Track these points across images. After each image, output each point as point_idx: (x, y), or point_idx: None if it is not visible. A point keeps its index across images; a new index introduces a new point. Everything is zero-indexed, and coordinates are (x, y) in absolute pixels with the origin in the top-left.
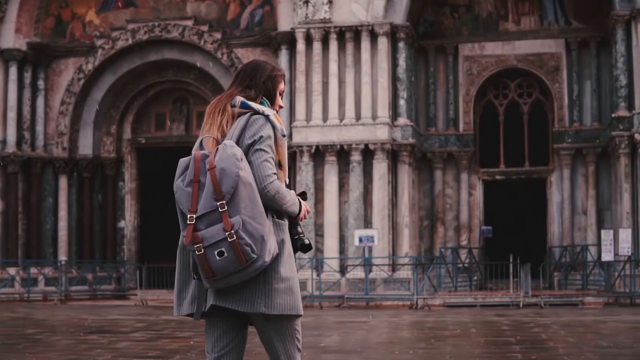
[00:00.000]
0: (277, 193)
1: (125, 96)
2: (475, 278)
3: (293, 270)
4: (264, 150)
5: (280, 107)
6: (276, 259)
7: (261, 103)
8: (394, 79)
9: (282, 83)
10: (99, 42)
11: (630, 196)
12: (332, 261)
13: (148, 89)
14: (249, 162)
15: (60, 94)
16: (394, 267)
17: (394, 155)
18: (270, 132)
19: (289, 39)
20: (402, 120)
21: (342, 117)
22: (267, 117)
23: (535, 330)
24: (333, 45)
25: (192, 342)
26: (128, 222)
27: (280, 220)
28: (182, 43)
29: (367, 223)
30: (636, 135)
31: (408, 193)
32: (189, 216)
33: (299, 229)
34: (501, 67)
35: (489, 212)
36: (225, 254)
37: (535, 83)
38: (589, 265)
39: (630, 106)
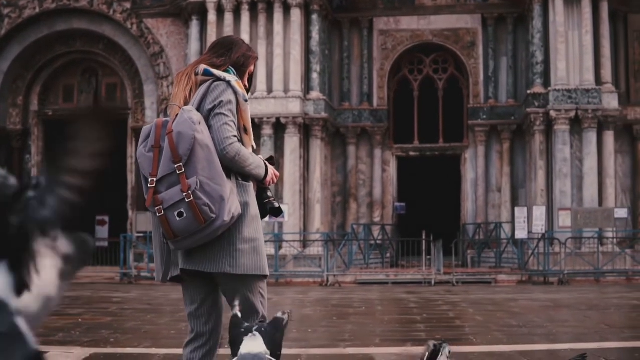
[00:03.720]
0: (237, 155)
1: (32, 67)
2: (388, 255)
3: (259, 232)
4: (224, 114)
5: (246, 87)
6: (240, 220)
7: (226, 71)
8: (307, 52)
9: (253, 66)
10: (5, 11)
11: (545, 174)
12: None
13: (56, 59)
14: (209, 127)
15: None
16: (305, 243)
17: (306, 129)
18: (232, 97)
19: (200, 10)
20: (315, 94)
21: (253, 90)
22: (228, 82)
23: (443, 308)
24: (245, 17)
25: (80, 320)
26: None
27: (244, 182)
28: (91, 12)
29: (278, 198)
30: (552, 112)
31: (320, 168)
32: (149, 180)
33: (269, 193)
34: (416, 42)
35: (403, 189)
36: (185, 215)
37: (451, 59)
38: (502, 243)
39: (546, 83)
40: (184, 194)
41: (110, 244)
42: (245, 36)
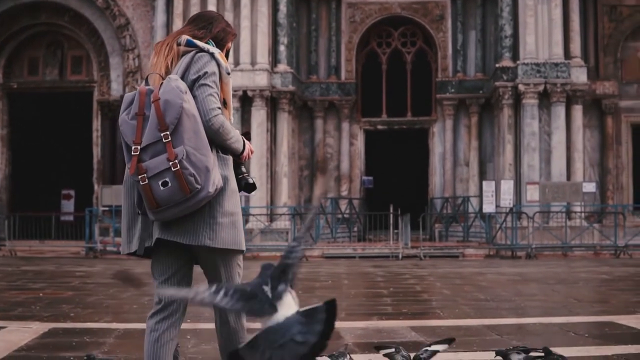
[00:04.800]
0: (221, 127)
1: None
2: (355, 229)
3: (237, 207)
4: (209, 85)
5: None
6: (220, 193)
7: (207, 43)
8: (275, 24)
9: (231, 42)
10: None
11: (513, 147)
12: None
13: (21, 32)
14: (194, 97)
15: None
16: (271, 217)
17: (273, 102)
18: (215, 69)
19: None
20: (282, 66)
21: None
22: (212, 54)
23: (410, 282)
24: None
25: (41, 295)
26: None
27: (224, 156)
28: None
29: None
30: (520, 86)
31: (287, 142)
32: (133, 148)
33: (243, 169)
34: (385, 14)
35: (371, 163)
36: (169, 184)
37: (419, 32)
38: (470, 217)
39: (515, 56)
40: (170, 163)
41: (75, 218)
42: (212, 8)
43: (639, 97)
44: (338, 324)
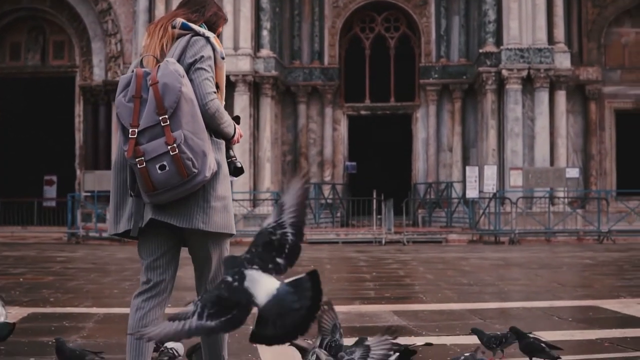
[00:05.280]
0: (217, 111)
1: None
2: (339, 214)
3: (229, 191)
4: (205, 69)
5: None
6: (214, 177)
7: (200, 27)
8: (257, 9)
9: (222, 27)
10: None
11: (497, 133)
12: None
13: (3, 17)
14: (190, 81)
15: None
16: (254, 202)
17: (256, 87)
18: (211, 53)
19: None
20: (265, 51)
21: None
22: (207, 38)
23: (393, 266)
24: None
25: (21, 280)
26: None
27: (217, 140)
28: None
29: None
30: (503, 71)
31: (270, 127)
32: (130, 130)
33: (232, 153)
34: None
35: (354, 148)
36: (167, 168)
37: (403, 17)
38: (453, 202)
39: (498, 42)
40: (169, 147)
41: (58, 204)
42: None
43: (622, 83)
44: None
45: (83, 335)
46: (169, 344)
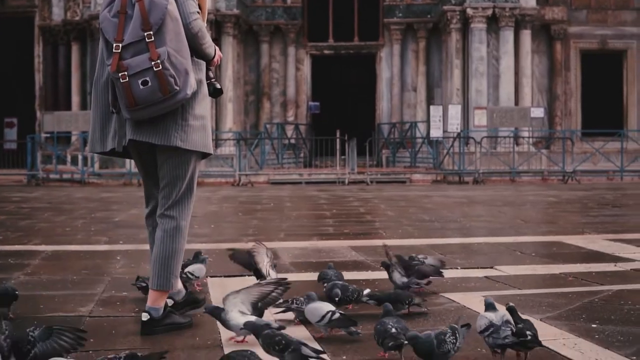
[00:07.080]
0: (199, 30)
1: None
2: (302, 155)
3: (207, 111)
4: None
5: None
6: (193, 96)
7: None
8: None
9: None
10: None
11: (461, 72)
12: None
13: None
14: (174, 0)
15: None
16: (216, 142)
17: (217, 26)
18: None
19: None
20: None
21: None
22: None
23: (354, 204)
24: None
25: None
26: None
27: (198, 60)
28: None
29: None
30: (468, 10)
31: (232, 66)
32: (114, 45)
33: (211, 74)
34: None
35: (317, 88)
36: (150, 83)
37: None
38: (417, 142)
39: None
40: (153, 62)
41: (19, 146)
42: None
43: (588, 23)
44: (276, 244)
45: (27, 272)
46: (189, 268)
